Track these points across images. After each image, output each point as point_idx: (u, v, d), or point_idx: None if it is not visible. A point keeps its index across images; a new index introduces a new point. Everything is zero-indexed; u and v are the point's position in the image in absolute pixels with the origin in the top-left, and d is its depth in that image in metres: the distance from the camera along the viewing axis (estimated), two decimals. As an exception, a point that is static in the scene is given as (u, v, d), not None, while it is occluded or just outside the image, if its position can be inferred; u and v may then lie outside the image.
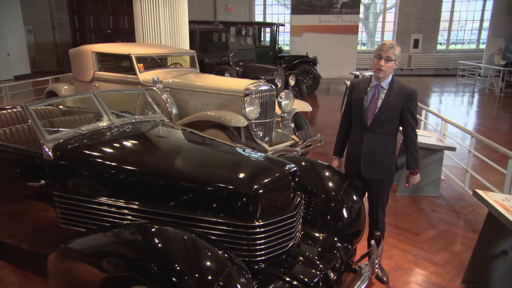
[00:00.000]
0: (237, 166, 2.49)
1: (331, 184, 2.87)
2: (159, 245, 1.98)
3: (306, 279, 2.14)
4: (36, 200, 2.64)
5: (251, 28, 11.55)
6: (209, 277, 1.80)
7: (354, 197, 2.85)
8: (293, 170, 2.43)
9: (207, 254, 1.95)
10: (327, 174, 2.95)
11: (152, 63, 5.74)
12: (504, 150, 3.99)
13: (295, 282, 2.11)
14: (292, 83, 8.80)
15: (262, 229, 2.20)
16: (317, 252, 2.52)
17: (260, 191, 2.20)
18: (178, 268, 1.82)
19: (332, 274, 2.28)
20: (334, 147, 3.11)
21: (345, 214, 2.75)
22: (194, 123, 4.67)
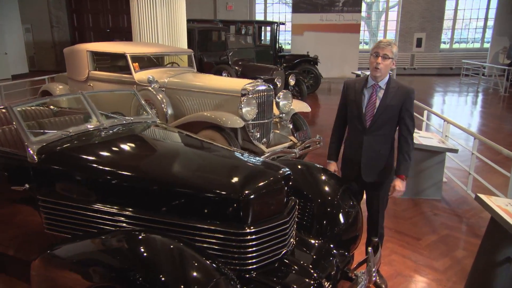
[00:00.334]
0: (228, 170, 2.39)
1: (327, 188, 2.77)
2: (145, 254, 1.91)
3: (299, 289, 2.03)
4: (21, 204, 2.55)
5: (251, 27, 11.43)
6: (194, 289, 1.71)
7: (351, 202, 2.76)
8: (287, 174, 2.34)
9: (194, 264, 1.87)
10: (323, 178, 2.85)
11: (149, 62, 5.65)
12: (508, 152, 3.87)
13: (287, 292, 2.01)
14: (292, 82, 8.68)
15: (254, 236, 2.11)
16: (312, 259, 2.43)
17: (251, 196, 2.11)
18: (163, 279, 1.75)
19: (326, 283, 2.19)
20: (328, 152, 2.98)
21: (341, 220, 2.66)
22: (190, 124, 4.58)
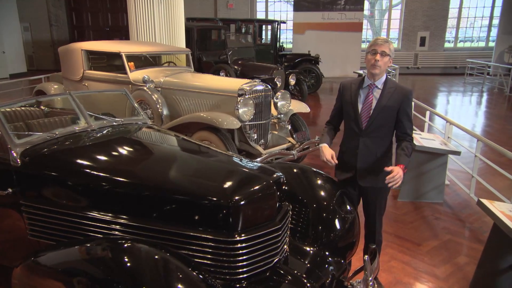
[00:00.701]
0: (217, 174, 2.29)
1: (323, 193, 2.66)
2: (129, 264, 1.81)
3: (291, 300, 1.93)
4: (3, 209, 2.46)
5: (252, 26, 11.31)
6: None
7: (348, 207, 2.64)
8: (279, 179, 2.23)
9: (179, 276, 1.77)
10: (319, 182, 2.74)
11: (145, 62, 5.55)
12: (512, 154, 3.74)
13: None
14: (292, 82, 8.56)
15: (244, 244, 2.00)
16: (306, 268, 2.33)
17: (242, 202, 2.00)
18: None
19: (321, 293, 2.09)
20: (321, 139, 2.84)
21: (337, 225, 2.55)
22: (186, 125, 4.48)
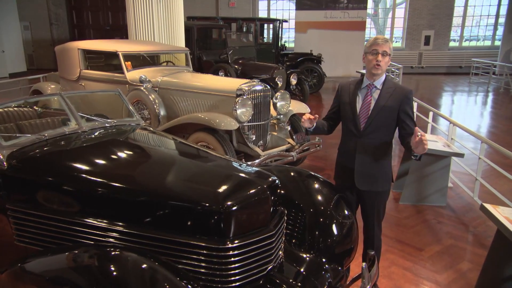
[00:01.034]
0: (209, 179, 2.20)
1: (320, 197, 2.57)
2: (115, 273, 1.75)
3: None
4: (-11, 214, 2.39)
5: (253, 25, 11.22)
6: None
7: (346, 212, 2.56)
8: (273, 183, 2.15)
9: (166, 287, 1.69)
10: (316, 186, 2.65)
11: (144, 61, 5.48)
12: (517, 157, 3.63)
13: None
14: (294, 82, 8.45)
15: (236, 251, 1.93)
16: (301, 276, 2.25)
17: (234, 208, 1.92)
18: None
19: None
20: None
21: (334, 231, 2.47)
22: (183, 125, 4.40)
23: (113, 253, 1.85)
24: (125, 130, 2.87)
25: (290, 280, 2.13)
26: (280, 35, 11.73)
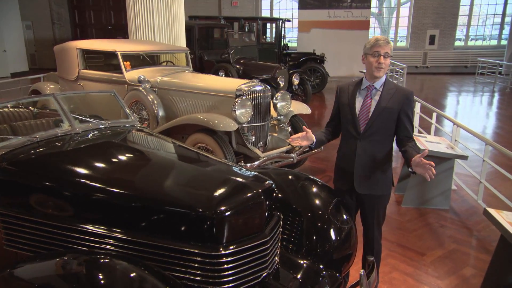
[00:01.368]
0: (202, 183, 2.14)
1: (318, 201, 2.51)
2: (102, 282, 1.69)
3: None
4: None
5: (255, 24, 11.14)
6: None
7: (344, 216, 2.49)
8: (269, 188, 2.09)
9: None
10: (314, 190, 2.58)
11: (144, 61, 5.43)
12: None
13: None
14: (296, 82, 8.35)
15: (230, 257, 1.87)
16: (298, 283, 2.19)
17: (227, 213, 1.86)
18: None
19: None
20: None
21: (333, 236, 2.40)
22: (182, 126, 4.35)
23: (102, 260, 1.79)
24: (119, 132, 2.81)
25: (286, 287, 2.07)
26: (283, 35, 11.64)
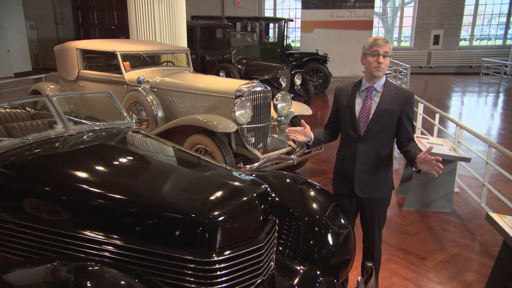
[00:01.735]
0: (195, 187, 2.10)
1: (315, 205, 2.45)
2: None
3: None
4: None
5: (258, 24, 11.08)
6: None
7: (342, 221, 2.43)
8: (263, 192, 2.04)
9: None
10: (312, 193, 2.53)
11: (144, 61, 5.39)
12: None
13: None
14: (298, 82, 8.28)
15: (223, 264, 1.82)
16: (294, 290, 2.13)
17: (220, 218, 1.81)
18: None
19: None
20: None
21: (330, 241, 2.35)
22: (181, 127, 4.31)
23: (91, 268, 1.74)
24: (114, 134, 2.77)
25: (281, 293, 2.02)
26: (285, 35, 11.57)
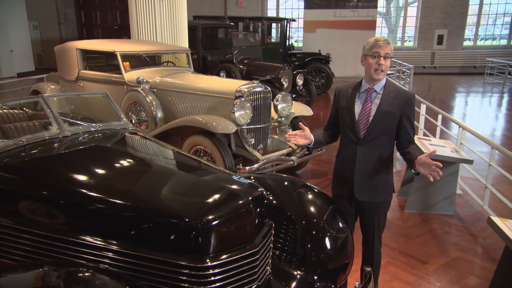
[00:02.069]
0: (189, 191, 2.06)
1: (313, 208, 2.41)
2: None
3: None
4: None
5: (260, 24, 11.04)
6: None
7: (340, 224, 2.39)
8: (259, 195, 2.00)
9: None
10: (309, 196, 2.49)
11: (144, 61, 5.37)
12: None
13: None
14: (300, 82, 8.22)
15: (217, 269, 1.78)
16: (290, 295, 2.09)
17: (213, 222, 1.78)
18: None
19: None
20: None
21: (328, 245, 2.30)
22: (180, 128, 4.28)
23: (81, 274, 1.72)
24: (110, 135, 2.74)
25: (277, 299, 1.99)
26: (288, 35, 11.52)
